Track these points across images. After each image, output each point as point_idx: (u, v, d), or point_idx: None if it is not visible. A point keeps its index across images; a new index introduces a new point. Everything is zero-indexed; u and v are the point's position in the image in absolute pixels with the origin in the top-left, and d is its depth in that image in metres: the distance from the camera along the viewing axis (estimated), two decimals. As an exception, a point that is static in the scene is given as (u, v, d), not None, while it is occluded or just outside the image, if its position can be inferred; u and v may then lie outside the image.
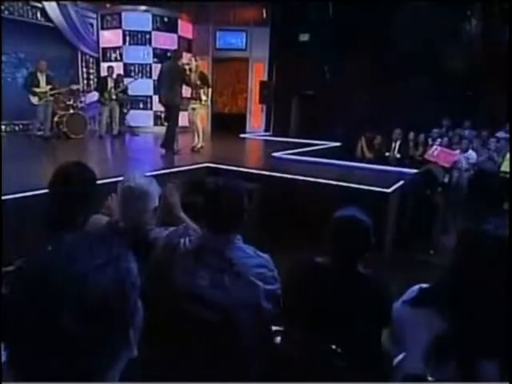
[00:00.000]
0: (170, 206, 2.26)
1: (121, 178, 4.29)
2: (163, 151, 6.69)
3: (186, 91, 7.00)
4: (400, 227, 4.92)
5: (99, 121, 9.28)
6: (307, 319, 1.63)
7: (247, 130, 11.85)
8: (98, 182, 2.28)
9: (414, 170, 5.75)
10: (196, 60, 7.01)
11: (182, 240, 1.83)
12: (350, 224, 1.60)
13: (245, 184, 1.86)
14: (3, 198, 3.40)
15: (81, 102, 9.33)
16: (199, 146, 7.18)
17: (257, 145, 10.15)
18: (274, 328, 1.75)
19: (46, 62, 7.94)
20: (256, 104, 11.77)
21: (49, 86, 7.98)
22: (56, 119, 8.50)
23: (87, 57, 10.70)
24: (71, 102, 8.77)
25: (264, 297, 1.64)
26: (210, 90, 7.08)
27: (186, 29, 11.33)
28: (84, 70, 10.69)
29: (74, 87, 8.71)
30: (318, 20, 10.44)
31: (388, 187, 4.67)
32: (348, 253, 1.59)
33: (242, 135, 10.92)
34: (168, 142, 6.70)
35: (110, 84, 9.08)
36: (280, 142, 9.75)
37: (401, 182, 5.01)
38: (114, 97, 9.03)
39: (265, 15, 11.28)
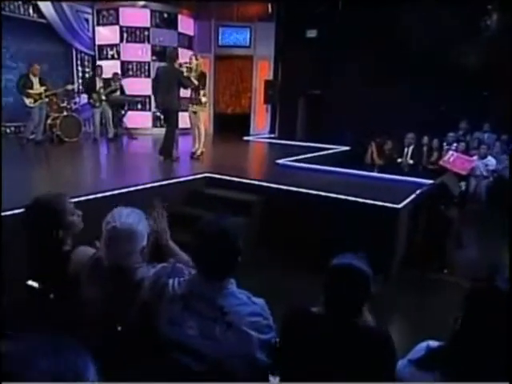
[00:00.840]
0: (157, 234, 2.19)
1: (113, 193, 4.31)
2: (161, 158, 6.66)
3: (185, 92, 6.98)
4: (411, 244, 4.86)
5: (92, 123, 9.26)
6: (302, 373, 1.58)
7: (251, 131, 11.86)
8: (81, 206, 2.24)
9: (429, 181, 5.65)
10: (197, 59, 6.94)
11: (171, 281, 1.78)
12: (347, 274, 1.55)
13: (238, 220, 1.80)
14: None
15: (75, 103, 9.33)
16: (199, 152, 7.14)
17: (261, 148, 10.12)
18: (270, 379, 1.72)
19: (39, 67, 7.96)
20: (261, 104, 11.72)
21: (43, 88, 7.99)
22: (49, 122, 8.49)
23: (82, 55, 10.70)
24: (65, 104, 8.78)
25: (258, 347, 1.61)
26: (202, 91, 6.93)
27: (186, 25, 11.32)
28: (79, 68, 10.70)
29: (69, 87, 8.66)
30: (327, 15, 10.33)
31: (399, 202, 4.60)
32: (345, 304, 1.54)
33: (245, 138, 10.92)
34: (166, 148, 6.69)
35: (99, 84, 9.00)
36: (286, 145, 9.76)
37: (412, 196, 4.94)
38: (103, 98, 8.99)
39: (270, 10, 11.20)
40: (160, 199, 2.21)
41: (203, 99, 6.92)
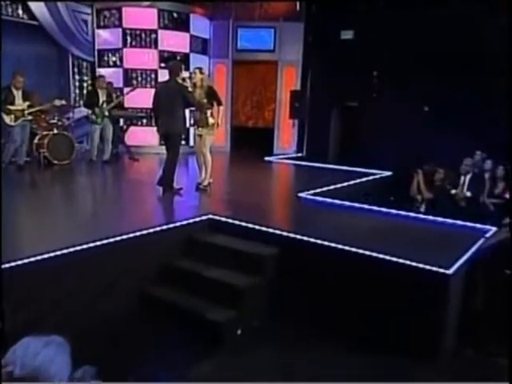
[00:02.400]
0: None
1: (82, 248, 3.93)
2: (161, 190, 6.39)
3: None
4: (468, 318, 4.28)
5: (90, 142, 9.09)
6: None
7: (275, 149, 11.64)
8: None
9: (492, 228, 5.05)
10: (201, 72, 6.66)
11: None
12: None
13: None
14: None
15: (68, 118, 9.20)
16: (206, 183, 6.81)
17: (284, 173, 9.80)
18: None
19: (23, 78, 7.75)
20: (286, 117, 11.43)
21: (26, 103, 7.81)
22: (36, 141, 8.32)
23: (80, 61, 10.68)
24: (55, 120, 8.62)
25: None
26: (221, 108, 6.74)
27: (200, 26, 11.21)
28: (76, 77, 10.72)
29: (58, 103, 8.39)
30: (366, 12, 9.91)
31: (450, 264, 4.01)
32: None
33: (267, 158, 10.62)
34: (166, 179, 6.39)
35: (102, 98, 8.81)
36: (315, 168, 9.43)
37: (469, 253, 4.35)
38: (106, 113, 8.81)
39: (298, 7, 10.97)
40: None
41: (210, 120, 6.60)
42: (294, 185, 8.27)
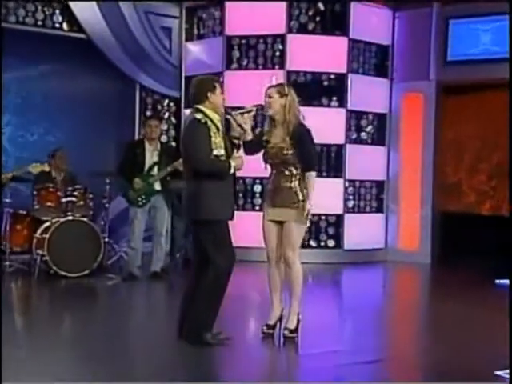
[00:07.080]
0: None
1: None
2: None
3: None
4: None
5: (128, 239, 8.63)
6: None
7: None
8: None
9: None
10: (283, 94, 5.51)
11: None
12: None
13: None
14: None
15: (104, 197, 8.88)
16: (293, 324, 5.67)
17: None
18: None
19: None
20: None
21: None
22: (37, 235, 8.15)
23: (156, 97, 10.89)
24: (73, 198, 8.32)
25: None
26: (313, 174, 5.82)
27: (371, 24, 10.60)
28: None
29: (33, 169, 7.87)
30: None
31: None
32: None
33: (502, 282, 9.21)
34: (195, 320, 5.36)
35: (152, 158, 8.26)
36: None
37: None
38: (156, 187, 8.22)
39: None
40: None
41: (300, 192, 5.59)
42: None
